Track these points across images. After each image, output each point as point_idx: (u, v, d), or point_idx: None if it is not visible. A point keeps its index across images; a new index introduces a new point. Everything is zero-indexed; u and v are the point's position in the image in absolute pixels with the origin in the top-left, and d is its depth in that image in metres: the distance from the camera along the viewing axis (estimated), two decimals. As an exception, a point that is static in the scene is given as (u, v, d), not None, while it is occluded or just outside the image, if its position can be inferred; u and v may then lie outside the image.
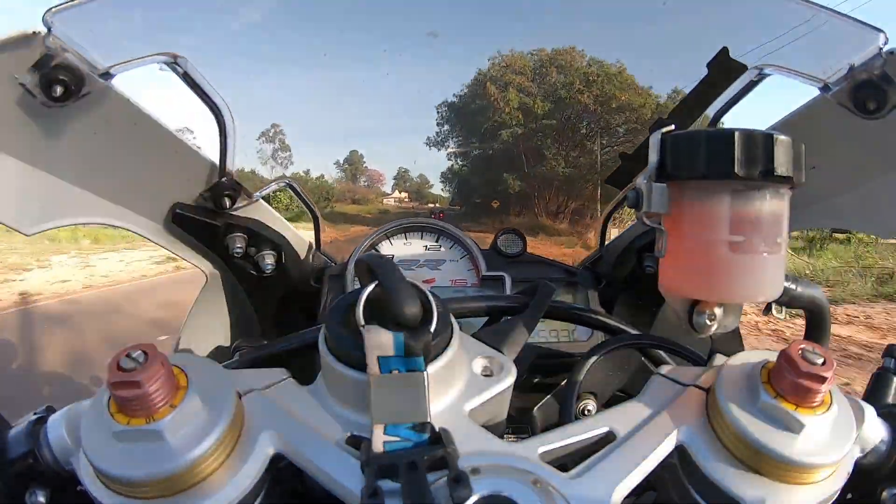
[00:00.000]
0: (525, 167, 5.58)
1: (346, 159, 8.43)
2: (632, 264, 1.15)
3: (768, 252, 0.47)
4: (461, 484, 0.37)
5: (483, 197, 4.65)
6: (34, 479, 0.46)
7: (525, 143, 5.73)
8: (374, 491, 0.37)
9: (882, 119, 0.71)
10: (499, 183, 4.71)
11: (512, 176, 5.06)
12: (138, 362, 0.38)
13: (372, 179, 7.78)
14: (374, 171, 7.76)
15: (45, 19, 0.65)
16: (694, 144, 0.47)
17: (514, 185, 5.00)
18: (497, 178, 4.72)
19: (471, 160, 4.98)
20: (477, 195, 4.81)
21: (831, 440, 0.42)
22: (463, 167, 4.85)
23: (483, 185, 4.71)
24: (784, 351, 0.43)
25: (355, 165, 8.03)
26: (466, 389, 0.48)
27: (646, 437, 0.45)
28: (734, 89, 0.87)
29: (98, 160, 0.81)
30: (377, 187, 7.07)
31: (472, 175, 4.80)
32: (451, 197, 4.85)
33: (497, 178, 4.71)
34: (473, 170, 4.83)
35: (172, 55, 0.80)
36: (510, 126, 5.83)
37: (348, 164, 8.10)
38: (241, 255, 1.06)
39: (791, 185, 0.48)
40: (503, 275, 1.22)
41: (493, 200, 4.48)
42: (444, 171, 5.02)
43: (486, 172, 4.74)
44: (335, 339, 0.45)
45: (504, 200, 4.71)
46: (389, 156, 18.84)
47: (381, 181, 7.32)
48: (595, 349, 0.68)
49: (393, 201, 5.59)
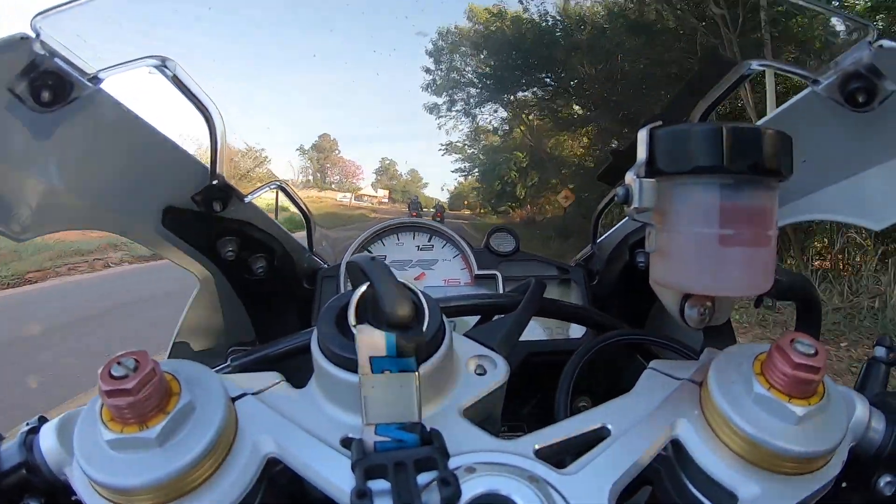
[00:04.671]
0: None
1: (314, 145, 7.64)
2: (624, 260, 1.15)
3: (758, 245, 0.48)
4: (450, 485, 0.37)
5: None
6: (28, 489, 0.46)
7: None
8: (362, 491, 0.37)
9: (871, 112, 0.72)
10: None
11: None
12: (130, 369, 0.38)
13: (346, 172, 7.17)
14: (349, 163, 7.13)
15: (32, 24, 0.65)
16: (682, 139, 0.47)
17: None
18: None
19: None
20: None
21: (825, 430, 0.42)
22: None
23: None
24: (776, 342, 0.43)
25: (325, 153, 7.33)
26: (460, 388, 0.49)
27: (640, 432, 0.46)
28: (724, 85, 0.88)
29: (88, 165, 0.80)
30: (351, 182, 6.58)
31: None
32: (450, 199, 4.62)
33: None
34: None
35: (161, 58, 0.80)
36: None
37: (316, 152, 7.34)
38: (232, 259, 1.05)
39: (780, 178, 0.48)
40: (496, 273, 1.22)
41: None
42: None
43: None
44: (327, 340, 0.45)
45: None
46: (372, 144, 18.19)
47: (358, 175, 6.80)
48: (587, 345, 0.69)
49: (366, 200, 5.13)
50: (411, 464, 0.39)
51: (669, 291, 0.55)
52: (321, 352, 0.46)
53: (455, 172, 10.60)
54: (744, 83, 0.88)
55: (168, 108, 1.03)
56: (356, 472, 0.39)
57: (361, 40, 2.01)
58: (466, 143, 10.35)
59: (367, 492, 0.37)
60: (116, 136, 0.82)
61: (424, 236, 1.29)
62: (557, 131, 9.30)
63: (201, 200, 0.97)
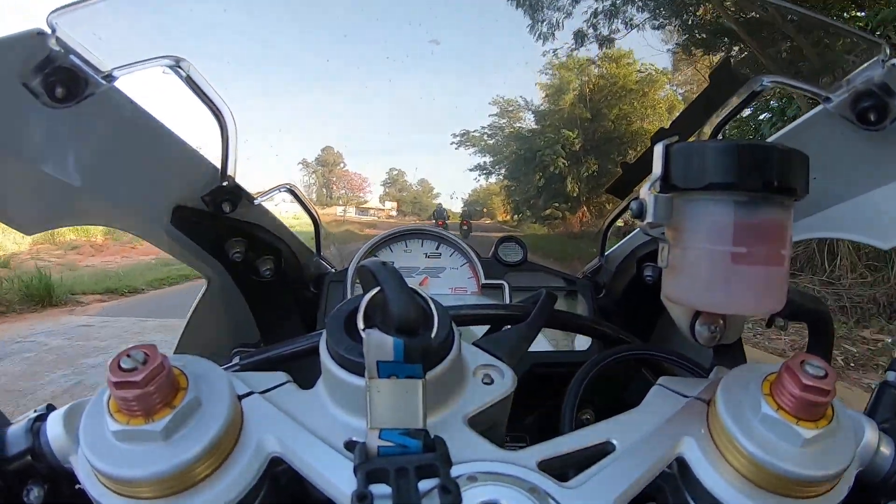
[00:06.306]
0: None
1: (317, 159, 7.48)
2: (632, 274, 1.15)
3: (772, 264, 0.47)
4: (450, 493, 0.37)
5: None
6: (32, 476, 0.46)
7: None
8: (363, 494, 0.37)
9: (883, 130, 0.71)
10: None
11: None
12: (139, 362, 0.38)
13: (352, 186, 6.86)
14: (355, 176, 6.79)
15: (49, 20, 0.65)
16: (698, 155, 0.47)
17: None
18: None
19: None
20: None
21: (832, 454, 0.42)
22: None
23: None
24: (786, 363, 0.43)
25: (330, 167, 6.94)
26: (466, 397, 0.48)
27: (646, 448, 0.45)
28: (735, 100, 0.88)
29: (100, 162, 0.81)
30: (358, 196, 6.21)
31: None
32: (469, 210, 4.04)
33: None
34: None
35: (175, 58, 0.81)
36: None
37: (321, 166, 6.94)
38: (240, 260, 1.05)
39: (795, 197, 0.48)
40: (503, 283, 1.22)
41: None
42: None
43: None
44: (336, 343, 0.45)
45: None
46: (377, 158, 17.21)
47: (365, 188, 6.51)
48: (596, 359, 0.68)
49: (372, 213, 4.76)
50: (413, 470, 0.39)
51: (680, 308, 0.55)
52: (329, 354, 0.46)
53: (474, 171, 8.00)
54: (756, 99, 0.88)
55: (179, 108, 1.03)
56: (358, 476, 0.39)
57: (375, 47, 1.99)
58: (487, 131, 7.71)
59: (368, 495, 0.37)
60: (129, 134, 0.83)
61: (432, 244, 1.29)
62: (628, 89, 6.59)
63: (211, 201, 0.98)
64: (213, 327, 1.17)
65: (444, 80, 6.85)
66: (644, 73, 7.44)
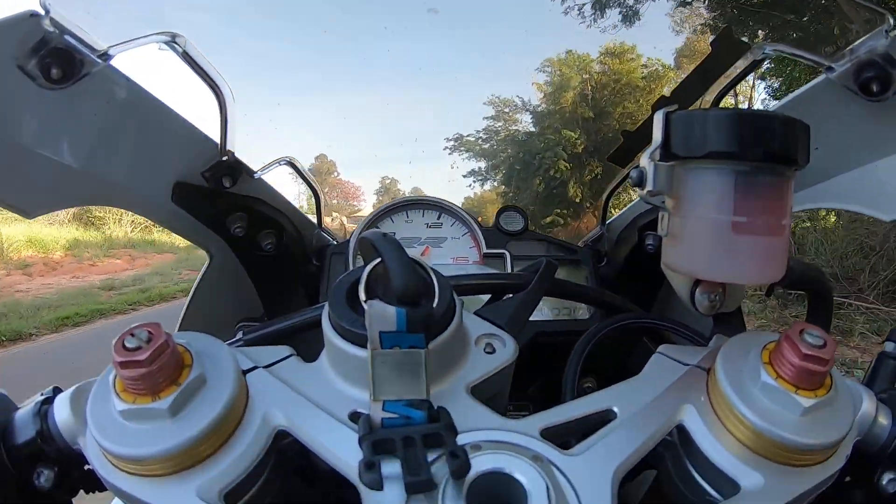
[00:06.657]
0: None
1: (310, 168, 7.05)
2: (633, 243, 1.15)
3: (772, 234, 0.47)
4: (458, 458, 0.37)
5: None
6: (41, 459, 0.47)
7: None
8: (371, 463, 0.37)
9: (885, 101, 0.71)
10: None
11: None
12: (143, 341, 0.38)
13: (346, 195, 6.73)
14: (349, 184, 6.65)
15: (41, 1, 0.65)
16: (699, 124, 0.47)
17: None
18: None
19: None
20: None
21: (831, 423, 0.42)
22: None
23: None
24: (785, 332, 0.43)
25: (323, 176, 6.74)
26: (468, 366, 0.49)
27: (646, 416, 0.46)
28: (737, 69, 0.87)
29: (99, 141, 0.81)
30: (352, 205, 6.14)
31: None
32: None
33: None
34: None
35: (171, 34, 0.80)
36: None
37: (314, 175, 6.90)
38: (241, 235, 1.06)
39: (796, 167, 0.48)
40: (504, 252, 1.22)
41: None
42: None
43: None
44: (338, 315, 0.46)
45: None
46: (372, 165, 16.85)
47: (358, 197, 6.46)
48: (597, 327, 0.69)
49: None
50: (419, 438, 0.39)
51: (680, 276, 0.55)
52: (332, 326, 0.47)
53: (468, 177, 7.79)
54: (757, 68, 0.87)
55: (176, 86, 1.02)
56: (363, 447, 0.39)
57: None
58: (482, 135, 7.45)
59: (375, 463, 0.38)
60: (127, 113, 0.82)
61: (433, 213, 1.29)
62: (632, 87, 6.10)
63: (211, 176, 0.97)
64: (216, 303, 1.17)
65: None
66: (651, 67, 7.10)
